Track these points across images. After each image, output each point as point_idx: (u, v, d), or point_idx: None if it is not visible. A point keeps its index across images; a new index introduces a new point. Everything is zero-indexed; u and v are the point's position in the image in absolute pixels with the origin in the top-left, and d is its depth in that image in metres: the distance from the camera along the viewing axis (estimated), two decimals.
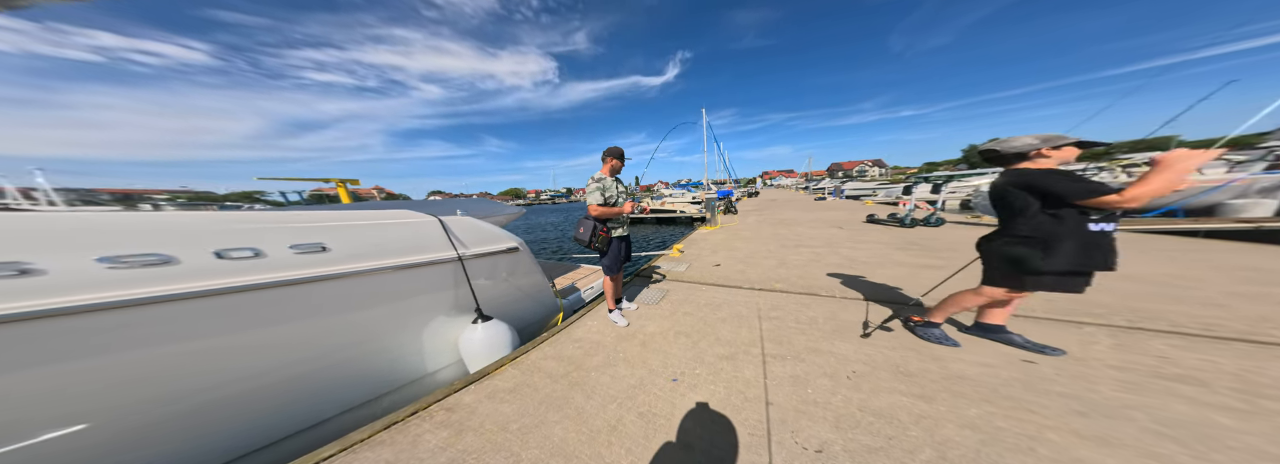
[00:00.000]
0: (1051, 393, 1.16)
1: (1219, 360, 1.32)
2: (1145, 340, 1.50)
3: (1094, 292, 1.35)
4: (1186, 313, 1.75)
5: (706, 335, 1.78)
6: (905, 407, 1.14)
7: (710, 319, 1.99)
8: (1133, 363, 1.32)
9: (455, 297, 1.75)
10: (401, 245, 1.54)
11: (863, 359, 1.43)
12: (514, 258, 2.04)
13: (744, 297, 2.34)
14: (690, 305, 2.25)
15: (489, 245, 1.89)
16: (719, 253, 3.79)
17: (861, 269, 2.79)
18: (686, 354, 1.61)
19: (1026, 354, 1.39)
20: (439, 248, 1.66)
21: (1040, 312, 1.82)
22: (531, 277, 2.20)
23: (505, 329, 1.80)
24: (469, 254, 1.76)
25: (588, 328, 2.00)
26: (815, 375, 1.34)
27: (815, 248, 3.74)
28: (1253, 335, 1.49)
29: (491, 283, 1.95)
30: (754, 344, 1.64)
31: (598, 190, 1.80)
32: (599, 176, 1.85)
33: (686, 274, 3.02)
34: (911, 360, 1.40)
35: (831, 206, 9.22)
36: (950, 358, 1.40)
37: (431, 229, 1.66)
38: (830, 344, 1.58)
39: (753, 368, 1.43)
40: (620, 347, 1.74)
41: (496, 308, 1.95)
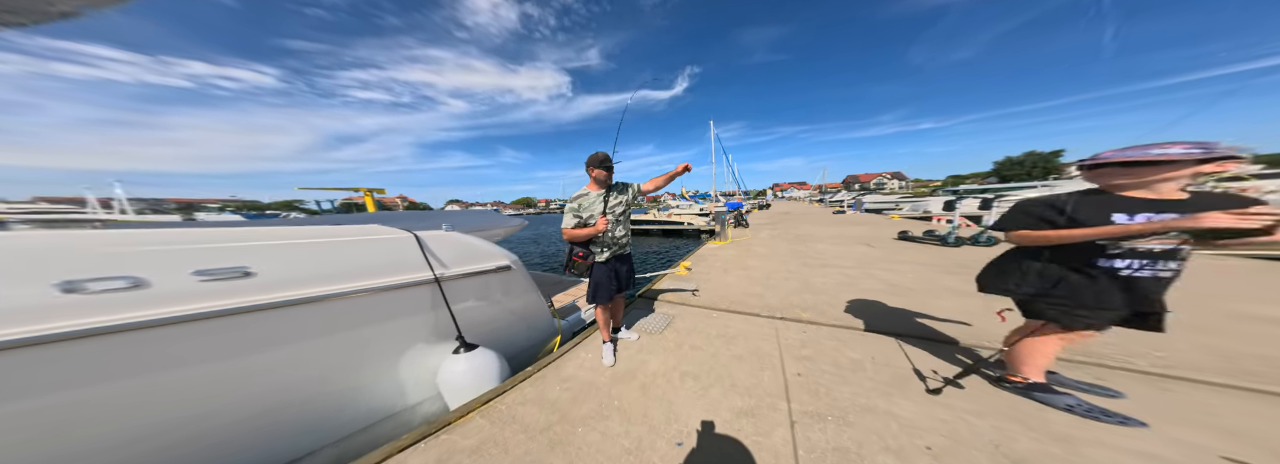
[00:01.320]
0: None
1: None
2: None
3: None
4: None
5: (720, 379, 1.45)
6: None
7: (723, 356, 1.65)
8: None
9: (433, 323, 1.54)
10: (361, 266, 1.35)
11: (938, 427, 1.04)
12: (506, 277, 1.82)
13: (763, 327, 1.98)
14: (700, 336, 1.91)
15: (476, 264, 1.68)
16: (731, 271, 3.44)
17: (908, 297, 2.36)
18: (695, 405, 1.28)
19: (1231, 448, 0.90)
20: (411, 268, 1.46)
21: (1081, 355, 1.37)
22: (526, 297, 1.96)
23: (492, 359, 1.56)
24: (450, 274, 1.56)
25: (580, 361, 1.71)
26: (872, 450, 0.97)
27: (844, 268, 3.32)
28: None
29: (478, 306, 1.73)
30: (780, 395, 1.29)
31: (571, 211, 1.59)
32: (581, 193, 1.60)
33: (695, 299, 2.69)
34: (1017, 435, 0.99)
35: (853, 221, 8.62)
36: (1079, 436, 0.96)
37: (404, 247, 1.48)
38: (886, 401, 1.20)
39: (781, 431, 1.09)
40: (616, 390, 1.44)
41: (484, 334, 1.71)
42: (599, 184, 1.58)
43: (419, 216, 2.52)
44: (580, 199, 1.59)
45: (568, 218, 1.59)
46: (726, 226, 6.01)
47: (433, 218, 2.61)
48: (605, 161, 1.54)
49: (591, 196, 1.58)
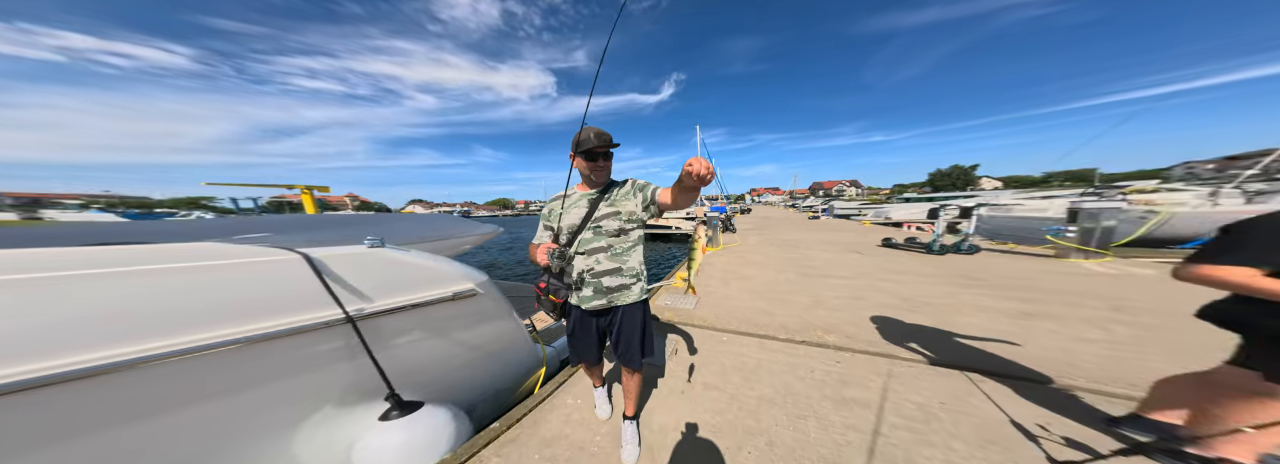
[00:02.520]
0: None
1: None
2: None
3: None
4: None
5: (751, 435, 1.07)
6: None
7: (747, 398, 1.28)
8: None
9: (342, 381, 1.03)
10: (195, 310, 0.82)
11: None
12: (469, 305, 1.29)
13: (785, 355, 1.64)
14: (712, 369, 1.53)
15: (419, 292, 1.15)
16: (730, 282, 3.13)
17: (928, 313, 2.12)
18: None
19: None
20: (296, 306, 0.94)
21: None
22: (499, 325, 1.43)
23: (444, 420, 1.08)
24: (372, 310, 1.04)
25: (567, 412, 1.26)
26: None
27: (846, 278, 3.12)
28: None
29: (424, 347, 1.21)
30: (842, 462, 0.93)
31: (542, 219, 1.08)
32: (559, 195, 1.05)
33: (698, 313, 2.32)
34: None
35: (830, 227, 8.82)
36: None
37: (286, 275, 0.94)
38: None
39: None
40: (618, 455, 1.03)
41: (436, 382, 1.23)
42: (586, 181, 1.00)
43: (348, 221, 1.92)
44: (552, 203, 1.04)
45: (539, 228, 1.10)
46: (717, 232, 5.79)
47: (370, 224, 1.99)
48: (588, 142, 0.91)
49: (571, 199, 1.00)
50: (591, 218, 0.96)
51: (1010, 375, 1.37)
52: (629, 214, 0.96)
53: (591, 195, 0.97)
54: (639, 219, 0.97)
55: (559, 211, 1.00)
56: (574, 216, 0.97)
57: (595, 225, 0.95)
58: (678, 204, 0.87)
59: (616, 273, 0.96)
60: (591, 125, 0.95)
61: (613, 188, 1.00)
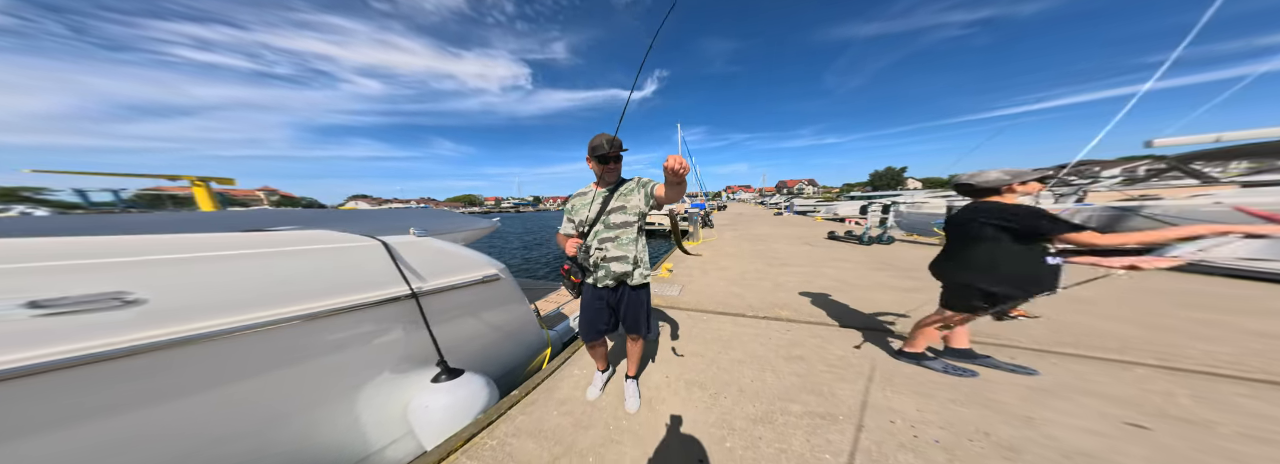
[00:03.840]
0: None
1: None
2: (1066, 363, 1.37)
3: None
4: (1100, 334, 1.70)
5: (727, 386, 1.39)
6: None
7: (723, 361, 1.61)
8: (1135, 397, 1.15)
9: (405, 348, 1.20)
10: (310, 284, 0.97)
11: (934, 419, 1.11)
12: (494, 289, 1.49)
13: (752, 328, 2.01)
14: (696, 342, 1.85)
15: (460, 275, 1.34)
16: (709, 272, 3.51)
17: (854, 292, 2.63)
18: (708, 417, 1.20)
19: (1129, 415, 1.08)
20: (378, 283, 1.11)
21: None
22: (515, 309, 1.64)
23: (480, 385, 1.26)
24: (428, 288, 1.22)
25: (575, 381, 1.49)
26: (889, 447, 0.98)
27: (801, 267, 3.62)
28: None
29: (463, 324, 1.40)
30: (789, 397, 1.29)
31: (566, 213, 1.22)
32: (581, 192, 1.20)
33: (682, 300, 2.64)
34: (992, 421, 1.08)
35: (790, 222, 9.64)
36: (1038, 417, 1.07)
37: (369, 257, 1.11)
38: (882, 396, 1.26)
39: (799, 436, 1.07)
40: (620, 409, 1.28)
41: (469, 355, 1.40)
42: (599, 180, 1.14)
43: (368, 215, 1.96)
44: (574, 200, 1.20)
45: (564, 221, 1.23)
46: (697, 227, 6.19)
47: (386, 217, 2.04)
48: (600, 149, 1.04)
49: (587, 197, 1.15)
50: (603, 212, 1.10)
51: (882, 330, 1.90)
52: (634, 208, 1.11)
53: (604, 193, 1.13)
54: (641, 212, 1.12)
55: (578, 208, 1.17)
56: (590, 211, 1.12)
57: (606, 218, 1.11)
58: (670, 198, 1.02)
59: (622, 260, 1.11)
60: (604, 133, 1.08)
61: (621, 185, 1.14)
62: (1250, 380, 1.29)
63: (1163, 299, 2.20)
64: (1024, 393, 1.22)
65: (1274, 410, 1.11)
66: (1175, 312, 1.99)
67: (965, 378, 1.34)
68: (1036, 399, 1.19)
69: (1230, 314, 1.93)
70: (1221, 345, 1.56)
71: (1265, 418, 1.07)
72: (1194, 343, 1.59)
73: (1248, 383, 1.27)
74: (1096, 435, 0.99)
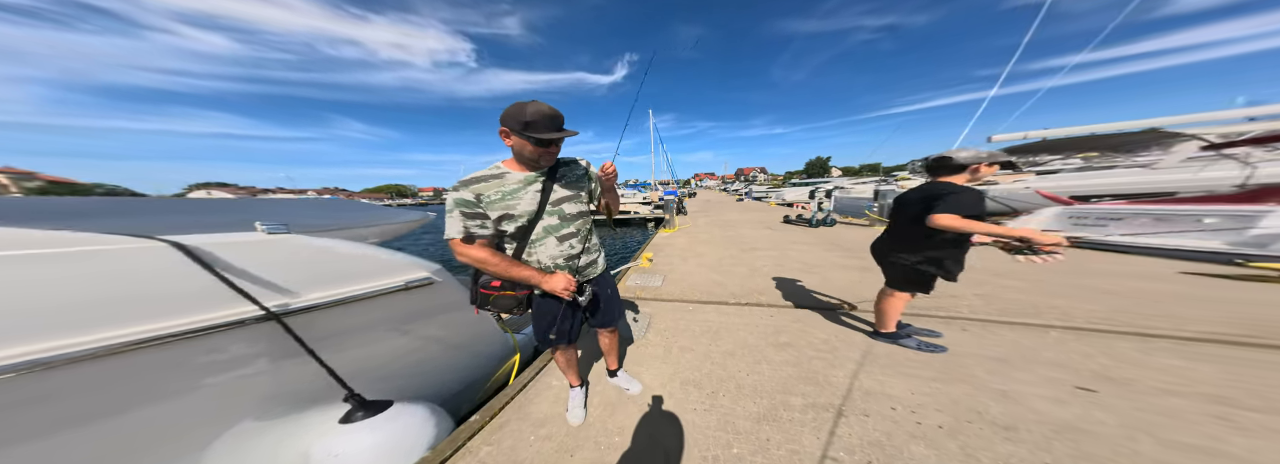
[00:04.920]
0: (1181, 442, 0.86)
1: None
2: (997, 330, 1.57)
3: None
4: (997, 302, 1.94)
5: (723, 383, 1.27)
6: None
7: (716, 354, 1.50)
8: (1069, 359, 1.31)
9: (275, 385, 0.85)
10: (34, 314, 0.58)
11: (929, 402, 1.10)
12: (426, 295, 1.12)
13: (737, 316, 1.93)
14: (686, 335, 1.71)
15: (365, 281, 0.97)
16: (689, 260, 3.40)
17: (819, 274, 2.70)
18: (709, 420, 1.07)
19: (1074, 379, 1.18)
20: (177, 305, 0.71)
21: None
22: (462, 317, 1.27)
23: (420, 416, 0.96)
24: (302, 304, 0.84)
25: (556, 394, 1.24)
26: (900, 438, 0.93)
27: (768, 251, 3.70)
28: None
29: (385, 342, 1.05)
30: (788, 389, 1.21)
31: (460, 206, 0.77)
32: (483, 176, 0.79)
33: (665, 290, 2.48)
34: (979, 399, 1.08)
35: (750, 208, 10.05)
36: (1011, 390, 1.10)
37: (153, 267, 0.68)
38: (873, 380, 1.23)
39: (808, 433, 0.99)
40: (614, 421, 1.09)
41: (401, 380, 1.08)
42: (526, 163, 0.79)
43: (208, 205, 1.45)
44: (479, 185, 0.77)
45: (454, 220, 0.78)
46: (673, 214, 6.07)
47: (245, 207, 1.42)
48: (540, 126, 0.71)
49: (511, 184, 0.78)
50: (545, 202, 0.80)
51: (848, 309, 1.95)
52: (587, 194, 0.90)
53: (539, 177, 0.81)
54: (591, 199, 0.92)
55: (503, 196, 0.76)
56: (527, 203, 0.79)
57: (556, 210, 0.82)
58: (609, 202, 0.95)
59: (586, 253, 0.90)
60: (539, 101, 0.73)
61: (563, 168, 0.85)
62: (1127, 334, 1.50)
63: (1039, 269, 2.58)
64: (991, 366, 1.29)
65: (1162, 361, 1.30)
66: (1054, 279, 2.32)
67: (937, 353, 1.39)
68: (1002, 371, 1.25)
69: (1087, 277, 2.33)
70: (1093, 304, 1.85)
71: (1161, 369, 1.24)
72: (1076, 304, 1.85)
73: (1126, 336, 1.49)
74: (1063, 404, 1.05)
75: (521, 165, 0.81)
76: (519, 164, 0.81)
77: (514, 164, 0.81)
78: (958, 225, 1.13)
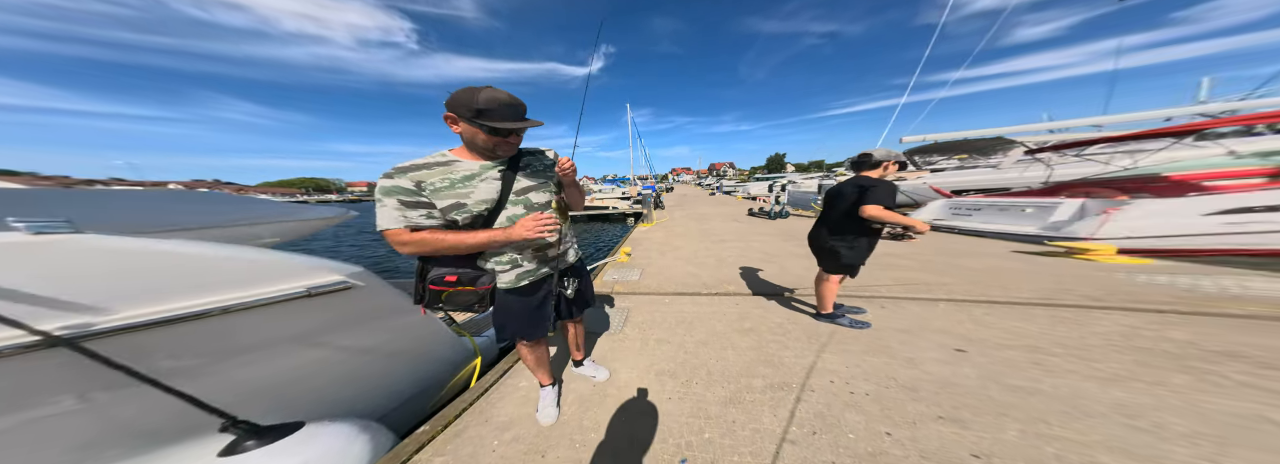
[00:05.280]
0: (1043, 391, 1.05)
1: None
2: (905, 305, 1.86)
3: None
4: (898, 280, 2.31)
5: (695, 371, 1.34)
6: (953, 439, 0.91)
7: (688, 344, 1.56)
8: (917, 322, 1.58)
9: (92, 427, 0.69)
10: None
11: (857, 373, 1.25)
12: (343, 303, 0.98)
13: (709, 306, 2.01)
14: (660, 328, 1.75)
15: (245, 290, 0.81)
16: (666, 254, 3.46)
17: (778, 262, 2.89)
18: (683, 408, 1.12)
19: (953, 343, 1.41)
20: None
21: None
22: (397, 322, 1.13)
23: (342, 437, 0.87)
24: (124, 321, 0.67)
25: (524, 393, 1.21)
26: (837, 407, 1.06)
27: (735, 242, 3.88)
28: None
29: (292, 356, 0.91)
30: (751, 372, 1.30)
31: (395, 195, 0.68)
32: (428, 162, 0.72)
33: (643, 283, 2.50)
34: (893, 367, 1.26)
35: (722, 202, 10.48)
36: (916, 356, 1.31)
37: None
38: (818, 357, 1.37)
39: (766, 412, 1.08)
40: (589, 418, 1.09)
41: (324, 396, 0.96)
42: (480, 151, 0.72)
43: None
44: (420, 173, 0.69)
45: (389, 210, 0.67)
46: (650, 209, 6.05)
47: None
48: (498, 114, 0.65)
49: (459, 170, 0.71)
50: (511, 190, 0.75)
51: (800, 294, 2.12)
52: (553, 184, 0.84)
53: (498, 165, 0.75)
54: (557, 189, 0.87)
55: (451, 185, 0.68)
56: (485, 191, 0.72)
57: (521, 199, 0.77)
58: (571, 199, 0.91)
59: (562, 242, 0.89)
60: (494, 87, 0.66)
61: (528, 157, 0.81)
62: (982, 302, 1.84)
63: (925, 251, 3.08)
64: (901, 337, 1.50)
65: (1002, 322, 1.60)
66: (937, 260, 2.76)
67: (864, 330, 1.58)
68: (908, 340, 1.47)
69: (958, 257, 2.80)
70: (962, 280, 2.23)
71: (1002, 329, 1.53)
72: (952, 281, 2.22)
73: (982, 304, 1.82)
74: (946, 364, 1.27)
75: (475, 154, 0.74)
76: (471, 152, 0.74)
77: (465, 152, 0.74)
78: (883, 215, 1.29)
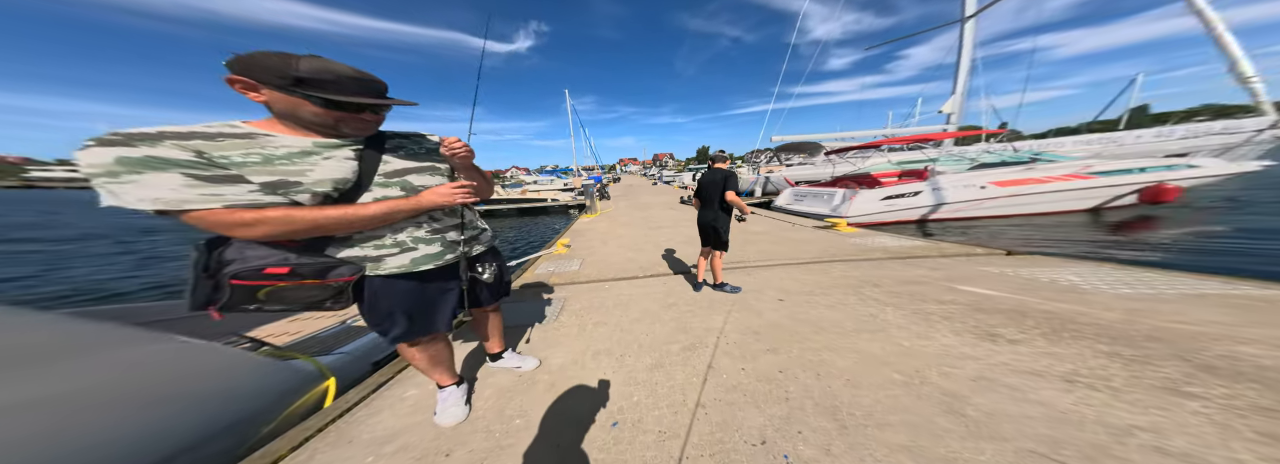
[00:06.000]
0: (831, 320, 1.55)
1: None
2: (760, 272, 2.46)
3: None
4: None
5: (629, 346, 1.41)
6: (771, 362, 1.21)
7: (624, 322, 1.63)
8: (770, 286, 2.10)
9: None
10: None
11: (733, 329, 1.49)
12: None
13: (644, 287, 2.12)
14: (600, 311, 1.77)
15: None
16: (609, 242, 3.43)
17: (695, 244, 3.17)
18: (616, 378, 1.19)
19: (779, 295, 1.83)
20: None
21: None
22: (130, 354, 0.70)
23: None
24: None
25: (409, 405, 1.05)
26: (719, 357, 1.29)
27: (669, 228, 4.14)
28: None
29: None
30: (671, 339, 1.45)
31: (162, 168, 0.47)
32: (182, 132, 0.49)
33: (583, 273, 2.45)
34: (754, 322, 1.56)
35: (662, 191, 10.92)
36: (764, 309, 1.68)
37: None
38: (711, 319, 1.60)
39: (680, 370, 1.23)
40: (515, 405, 1.04)
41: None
42: (309, 125, 0.57)
43: None
44: (201, 142, 0.50)
45: (176, 187, 0.47)
46: (595, 200, 5.76)
47: None
48: (338, 85, 0.54)
49: (275, 145, 0.55)
50: (378, 172, 0.63)
51: (694, 269, 2.43)
52: (446, 172, 0.73)
53: (350, 144, 0.62)
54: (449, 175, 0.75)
55: (286, 161, 0.55)
56: (331, 169, 0.58)
57: (396, 181, 0.66)
58: (479, 190, 0.77)
59: (468, 227, 0.78)
60: (322, 57, 0.55)
61: (400, 140, 0.70)
62: (794, 264, 2.43)
63: (771, 228, 3.90)
64: (756, 295, 1.88)
65: (800, 276, 2.09)
66: (780, 235, 3.59)
67: (738, 294, 1.86)
68: (760, 297, 1.85)
69: (789, 232, 3.66)
70: (790, 249, 2.96)
71: (799, 281, 2.02)
72: (785, 250, 2.93)
73: (795, 266, 2.42)
74: (776, 312, 1.68)
75: (300, 129, 0.58)
76: (294, 127, 0.58)
77: (277, 125, 0.58)
78: (739, 201, 1.69)
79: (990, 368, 1.04)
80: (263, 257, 0.58)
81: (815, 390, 1.05)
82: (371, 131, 0.64)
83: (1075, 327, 1.26)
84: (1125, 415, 0.81)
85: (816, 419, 0.93)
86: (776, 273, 2.22)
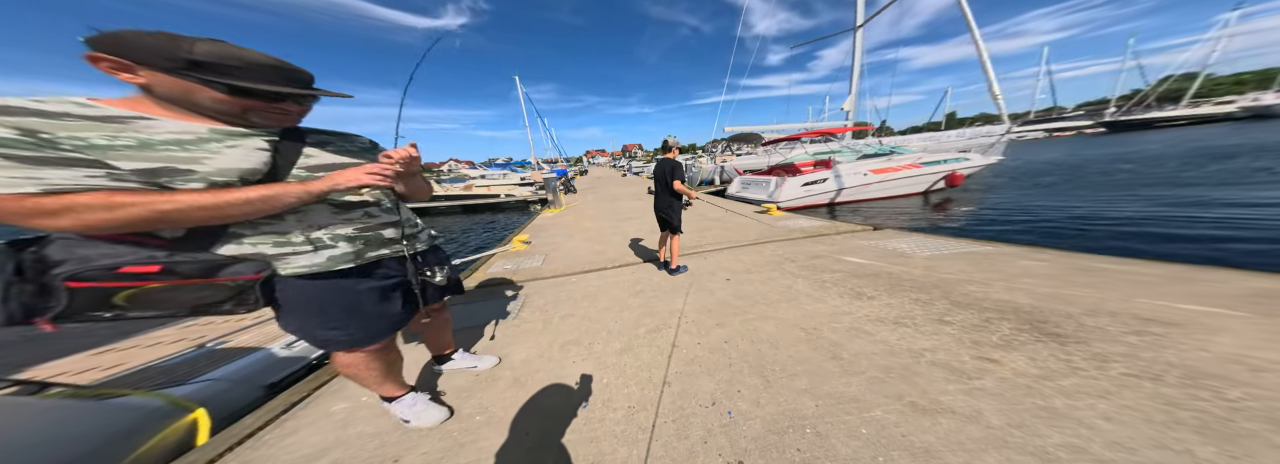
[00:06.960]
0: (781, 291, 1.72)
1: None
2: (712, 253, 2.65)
3: None
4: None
5: (598, 334, 1.41)
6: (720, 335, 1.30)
7: (592, 312, 1.61)
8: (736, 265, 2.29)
9: None
10: None
11: (691, 308, 1.58)
12: None
13: (613, 277, 2.10)
14: (567, 304, 1.72)
15: None
16: (575, 236, 3.26)
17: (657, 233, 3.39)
18: (585, 366, 1.19)
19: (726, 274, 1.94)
20: None
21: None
22: None
23: None
24: None
25: (338, 420, 0.94)
26: (681, 335, 1.36)
27: (637, 219, 4.12)
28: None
29: None
30: (638, 324, 1.48)
31: (51, 149, 0.37)
32: (93, 115, 0.40)
33: (546, 268, 2.32)
34: (706, 300, 1.68)
35: (632, 182, 10.66)
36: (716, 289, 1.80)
37: None
38: (673, 301, 1.69)
39: (646, 350, 1.28)
40: (476, 401, 0.99)
41: None
42: (209, 112, 0.48)
43: None
44: (32, 119, 0.36)
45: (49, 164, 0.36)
46: (558, 194, 5.28)
47: None
48: (252, 79, 0.46)
49: (159, 130, 0.43)
50: (299, 165, 0.55)
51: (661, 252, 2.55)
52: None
53: (265, 135, 0.53)
54: None
55: (141, 147, 0.43)
56: (237, 159, 0.49)
57: (319, 175, 0.57)
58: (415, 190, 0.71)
59: (396, 225, 0.69)
60: (224, 41, 0.46)
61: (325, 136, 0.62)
62: (739, 247, 2.65)
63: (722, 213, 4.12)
64: (709, 276, 2.02)
65: (741, 257, 2.18)
66: (729, 220, 3.83)
67: (693, 276, 2.04)
68: (712, 278, 1.99)
69: (737, 218, 3.95)
70: (734, 233, 3.21)
71: (739, 261, 2.11)
72: (731, 234, 3.18)
73: (738, 248, 2.61)
74: (724, 290, 1.83)
75: (197, 115, 0.48)
76: (187, 112, 0.48)
77: (161, 109, 0.47)
78: (684, 188, 1.81)
79: (858, 320, 1.27)
80: (111, 254, 0.45)
81: (750, 354, 1.19)
82: (292, 123, 0.57)
83: (901, 283, 1.57)
84: (921, 342, 1.09)
85: (750, 378, 1.06)
86: (725, 255, 2.35)
